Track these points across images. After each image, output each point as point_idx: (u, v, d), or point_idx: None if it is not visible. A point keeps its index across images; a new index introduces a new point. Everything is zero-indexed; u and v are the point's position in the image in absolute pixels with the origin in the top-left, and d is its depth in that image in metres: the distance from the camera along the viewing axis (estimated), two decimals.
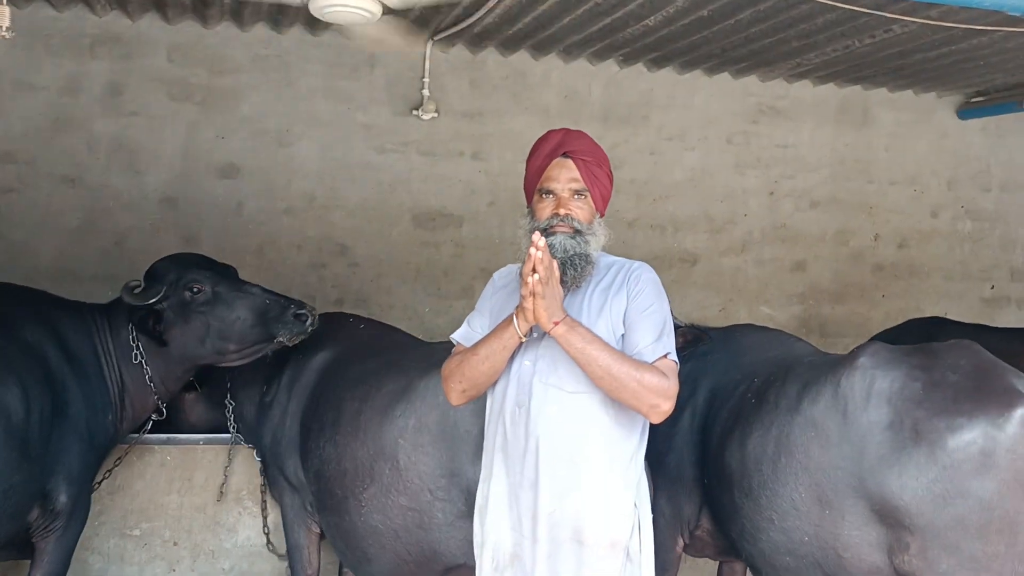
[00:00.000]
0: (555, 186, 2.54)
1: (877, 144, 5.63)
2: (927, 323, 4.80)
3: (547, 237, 2.46)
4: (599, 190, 2.58)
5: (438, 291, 5.12)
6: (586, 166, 2.56)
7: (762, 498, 2.87)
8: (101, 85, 4.59)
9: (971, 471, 2.53)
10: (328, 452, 3.33)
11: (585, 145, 2.61)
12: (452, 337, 2.68)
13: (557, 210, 2.52)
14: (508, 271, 2.70)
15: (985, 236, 5.85)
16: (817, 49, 4.51)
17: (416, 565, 3.15)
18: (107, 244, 4.61)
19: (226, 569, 4.11)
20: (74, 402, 3.32)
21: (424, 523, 3.07)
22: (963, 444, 2.53)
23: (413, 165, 4.99)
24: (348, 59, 4.85)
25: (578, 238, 2.51)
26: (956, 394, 2.61)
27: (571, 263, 2.48)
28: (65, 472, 3.27)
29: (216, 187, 4.71)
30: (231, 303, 3.55)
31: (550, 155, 2.58)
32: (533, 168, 2.62)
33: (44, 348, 3.31)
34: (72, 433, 3.30)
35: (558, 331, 2.38)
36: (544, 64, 5.08)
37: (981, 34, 3.98)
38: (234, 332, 3.53)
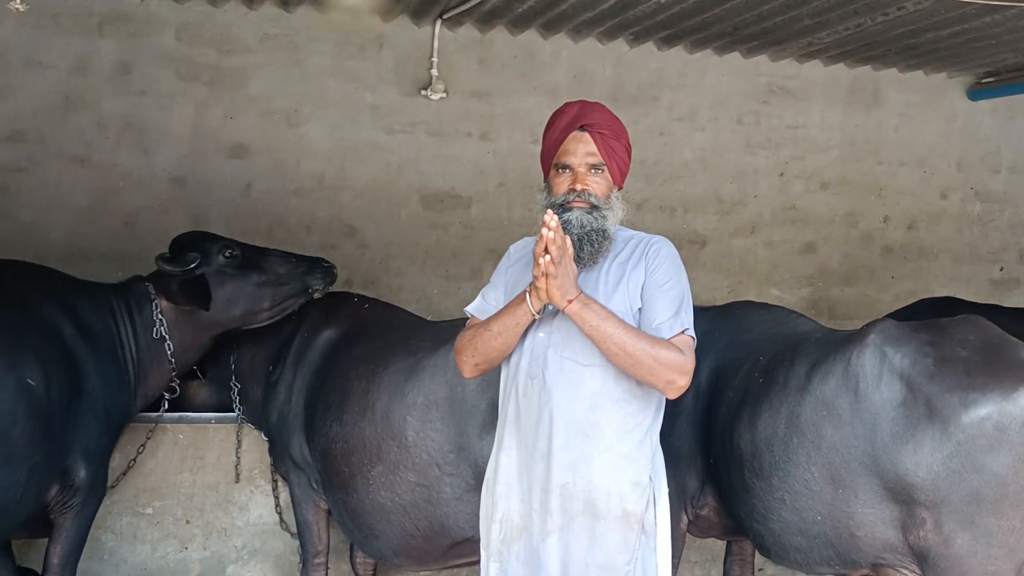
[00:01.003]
0: (572, 160, 2.51)
1: (887, 125, 5.61)
2: (938, 303, 4.79)
3: (563, 213, 2.44)
4: (616, 164, 2.54)
5: (447, 272, 5.12)
6: (603, 139, 2.51)
7: (773, 478, 2.87)
8: (110, 64, 4.57)
9: (986, 446, 2.53)
10: (335, 431, 3.35)
11: (603, 117, 2.56)
12: (466, 310, 2.66)
13: (574, 185, 2.49)
14: (524, 244, 2.67)
15: (994, 218, 5.83)
16: (829, 28, 4.48)
17: (423, 540, 3.19)
18: (116, 224, 4.61)
19: (238, 547, 4.13)
20: (91, 380, 3.34)
21: (432, 498, 3.10)
22: (978, 419, 2.54)
23: (422, 145, 4.98)
24: (356, 39, 4.83)
25: (595, 213, 2.47)
26: (968, 369, 2.61)
27: (588, 239, 2.45)
28: (83, 449, 3.30)
29: (225, 167, 4.70)
30: (263, 264, 3.71)
31: (566, 128, 2.53)
32: (549, 142, 2.57)
33: (60, 327, 3.33)
34: (89, 411, 3.32)
35: (572, 309, 2.36)
36: (553, 43, 5.06)
37: (995, 11, 3.95)
38: (268, 292, 3.68)
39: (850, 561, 2.82)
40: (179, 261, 3.57)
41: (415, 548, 3.25)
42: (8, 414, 2.96)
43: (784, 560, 3.04)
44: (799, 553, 2.92)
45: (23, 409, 3.00)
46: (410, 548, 3.26)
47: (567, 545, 2.45)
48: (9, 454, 2.96)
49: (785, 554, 2.98)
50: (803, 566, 2.98)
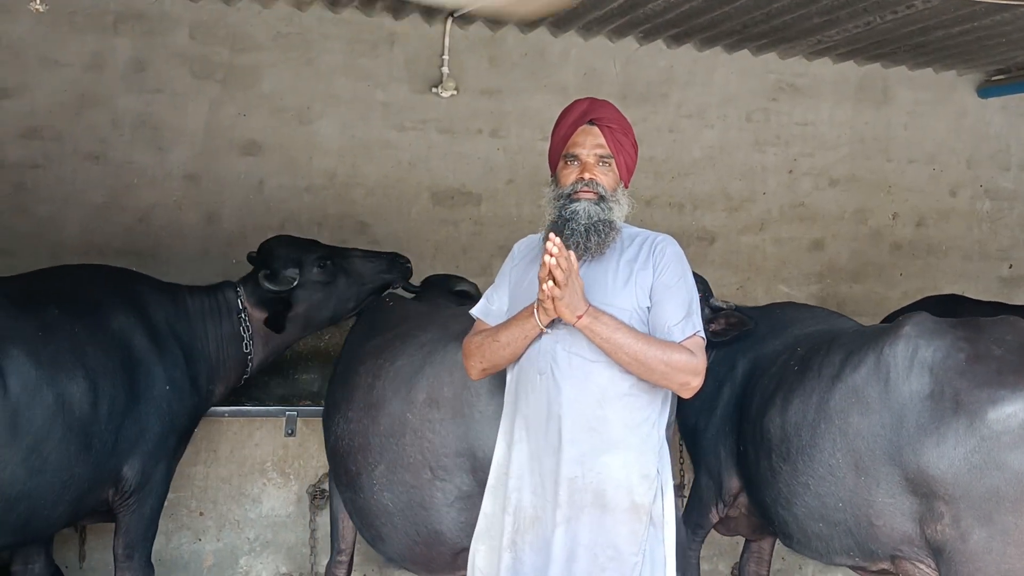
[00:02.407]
0: (580, 151, 2.56)
1: (896, 122, 5.61)
2: (944, 300, 4.81)
3: (570, 204, 2.50)
4: (624, 158, 2.60)
5: (456, 269, 5.13)
6: (611, 133, 2.58)
7: (799, 463, 2.90)
8: (125, 62, 4.62)
9: (1010, 443, 2.54)
10: (342, 428, 3.32)
11: (611, 113, 2.64)
12: (472, 312, 2.71)
13: (582, 175, 2.54)
14: (528, 242, 2.72)
15: (1004, 215, 5.83)
16: (839, 25, 4.49)
17: (425, 546, 3.12)
18: (131, 220, 4.65)
19: (251, 539, 4.19)
20: (157, 386, 3.41)
21: (425, 502, 3.01)
22: (1004, 416, 2.55)
23: (432, 143, 5.01)
24: (368, 37, 4.87)
25: (602, 204, 2.52)
26: (1000, 367, 2.63)
27: (595, 229, 2.50)
28: (139, 454, 3.35)
29: (238, 164, 4.74)
30: (349, 267, 3.93)
31: (576, 123, 2.60)
32: (558, 136, 2.63)
33: (129, 335, 3.40)
34: (153, 415, 3.38)
35: (582, 323, 2.41)
36: (563, 41, 5.08)
37: (1004, 9, 3.96)
38: (356, 294, 3.93)
39: (868, 551, 2.84)
40: (280, 280, 3.72)
41: (420, 555, 3.18)
42: (42, 429, 3.00)
43: (806, 548, 3.06)
44: (820, 541, 2.95)
45: (60, 425, 3.05)
46: (415, 555, 3.18)
47: (575, 535, 2.49)
48: (41, 467, 3.01)
49: (807, 542, 3.01)
50: (824, 555, 3.01)
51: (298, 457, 4.23)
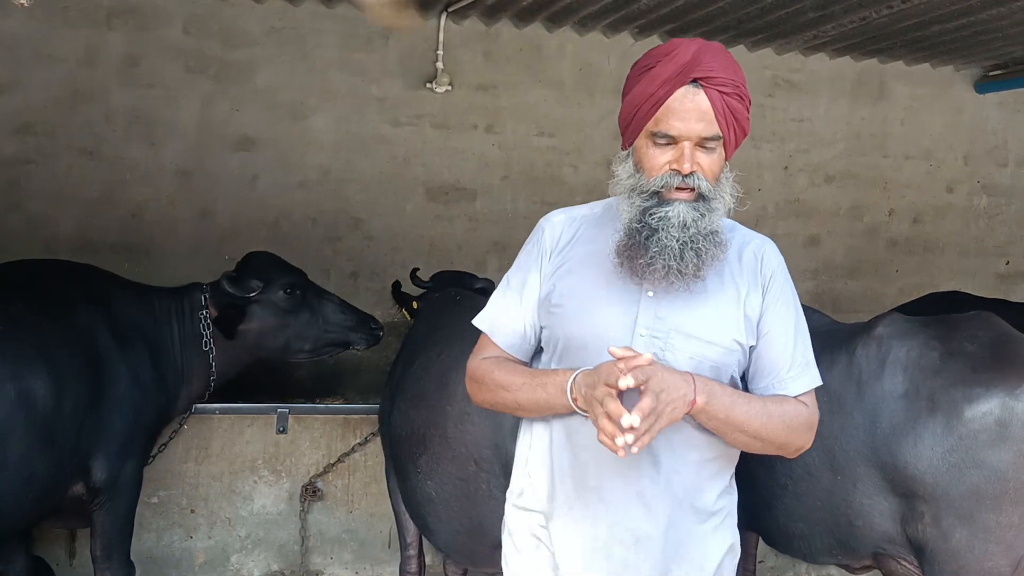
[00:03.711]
0: (679, 128, 1.80)
1: (893, 118, 5.59)
2: (946, 297, 4.79)
3: (658, 206, 1.82)
4: (735, 134, 1.86)
5: (452, 264, 5.12)
6: (724, 101, 1.81)
7: (777, 464, 2.88)
8: (118, 57, 4.60)
9: (987, 441, 2.54)
10: (396, 418, 3.38)
11: (725, 69, 1.83)
12: (477, 324, 2.09)
13: (678, 165, 1.81)
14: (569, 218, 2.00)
15: (1001, 211, 5.81)
16: (834, 20, 4.47)
17: (467, 537, 3.10)
18: (124, 215, 4.64)
19: (242, 536, 4.18)
20: (120, 383, 3.38)
21: (470, 493, 3.00)
22: (980, 414, 2.54)
23: (427, 138, 4.99)
24: (362, 32, 4.85)
25: (702, 207, 1.82)
26: (974, 364, 2.62)
27: (692, 245, 1.80)
28: (105, 450, 3.33)
29: (231, 160, 4.73)
30: (318, 309, 3.81)
31: (674, 80, 1.81)
32: (644, 97, 1.83)
33: (94, 331, 3.37)
34: (117, 413, 3.36)
35: (696, 410, 1.79)
36: (558, 36, 5.06)
37: (1000, 4, 3.94)
38: (314, 336, 3.79)
39: (850, 550, 2.83)
40: (242, 285, 3.65)
41: (463, 546, 3.15)
42: (3, 424, 2.98)
43: (788, 549, 3.06)
44: (802, 541, 2.94)
45: (22, 420, 3.02)
46: (459, 545, 3.17)
47: None
48: (3, 461, 2.99)
49: (789, 542, 3.00)
50: (806, 555, 3.00)
51: (289, 454, 4.23)
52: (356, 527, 4.34)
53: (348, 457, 4.26)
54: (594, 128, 5.18)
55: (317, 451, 4.26)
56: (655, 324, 1.86)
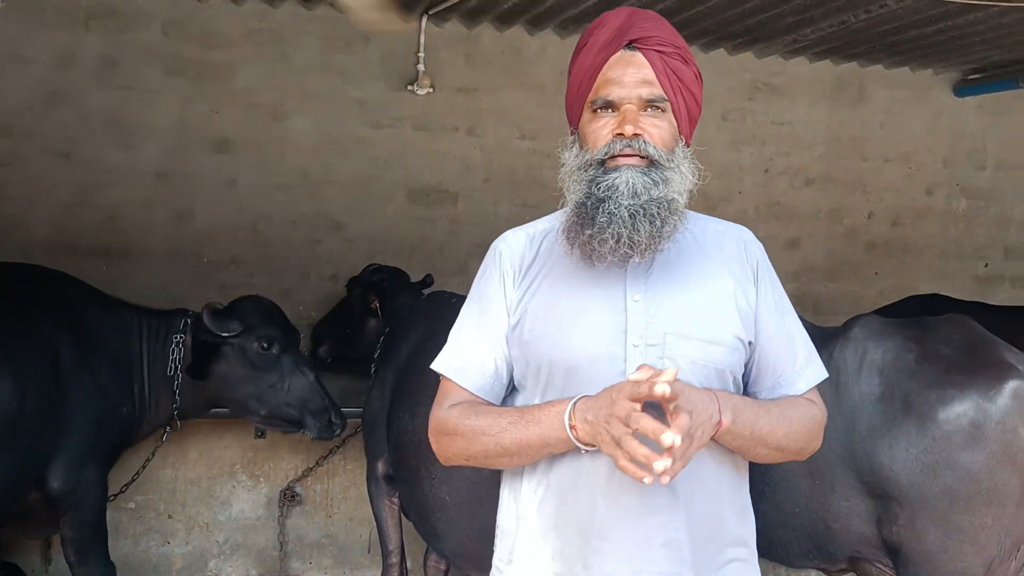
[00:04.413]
0: (617, 92, 1.66)
1: (872, 121, 5.62)
2: (926, 300, 4.83)
3: (604, 174, 1.63)
4: (683, 100, 1.69)
5: (433, 268, 5.09)
6: (665, 61, 1.67)
7: (754, 471, 2.88)
8: (95, 59, 4.56)
9: (961, 443, 2.55)
10: (406, 422, 3.32)
11: (662, 30, 1.70)
12: (436, 368, 1.86)
13: (620, 129, 1.65)
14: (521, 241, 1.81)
15: (979, 214, 5.86)
16: (813, 24, 4.49)
17: (478, 542, 3.00)
18: (101, 218, 4.60)
19: (220, 542, 4.15)
20: (82, 392, 3.33)
21: (483, 497, 2.92)
22: (954, 416, 2.56)
23: (408, 141, 4.98)
24: (342, 33, 4.83)
25: (653, 173, 1.64)
26: (949, 367, 2.64)
27: (645, 213, 1.62)
28: (63, 459, 3.28)
29: (209, 162, 4.69)
30: (285, 376, 3.57)
31: (609, 46, 1.68)
32: (582, 69, 1.71)
33: (57, 339, 3.32)
34: (77, 421, 3.31)
35: (720, 433, 1.62)
36: (539, 40, 5.06)
37: (977, 9, 3.96)
38: (272, 403, 3.56)
39: (827, 554, 2.84)
40: (220, 322, 3.51)
41: (472, 551, 3.09)
42: None
43: (767, 553, 3.06)
44: (780, 546, 2.95)
45: None
46: (468, 551, 3.13)
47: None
48: None
49: (768, 547, 3.01)
50: (785, 560, 3.01)
51: (268, 459, 4.20)
52: (335, 532, 4.32)
53: (327, 461, 4.24)
54: None
55: (296, 455, 4.23)
56: (648, 330, 1.65)
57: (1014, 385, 2.55)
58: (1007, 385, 2.55)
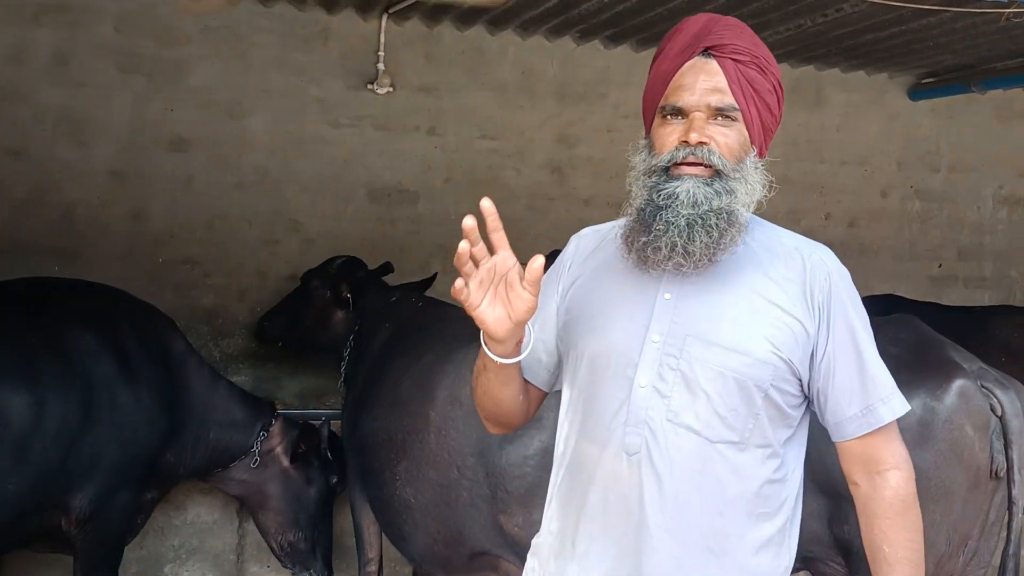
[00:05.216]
0: (686, 99, 1.63)
1: (829, 125, 5.69)
2: (882, 300, 4.90)
3: (666, 182, 1.61)
4: (757, 110, 1.65)
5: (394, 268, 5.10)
6: (739, 70, 1.64)
7: None
8: (47, 55, 4.47)
9: (909, 442, 2.54)
10: (369, 425, 3.32)
11: (739, 38, 1.67)
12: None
13: (686, 136, 1.62)
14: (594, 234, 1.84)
15: (933, 216, 5.96)
16: (770, 28, 4.53)
17: (444, 546, 3.07)
18: (54, 217, 4.51)
19: (176, 546, 4.10)
20: (122, 414, 3.28)
21: (450, 501, 2.96)
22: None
23: (368, 140, 4.94)
24: (301, 31, 4.79)
25: (717, 184, 1.61)
26: (897, 367, 2.65)
27: (703, 223, 1.58)
28: (92, 480, 3.22)
29: (165, 160, 4.62)
30: (318, 522, 3.80)
31: (683, 53, 1.66)
32: (658, 74, 1.70)
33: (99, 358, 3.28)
34: (113, 441, 3.25)
35: None
36: (500, 39, 5.06)
37: (929, 14, 4.03)
38: (296, 534, 3.75)
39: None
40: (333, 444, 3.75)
41: (439, 554, 3.11)
42: None
43: None
44: None
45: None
46: (434, 554, 3.13)
47: None
48: None
49: None
50: None
51: None
52: None
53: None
54: (536, 131, 5.18)
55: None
56: (670, 330, 1.62)
57: (960, 384, 2.60)
58: (953, 384, 2.60)
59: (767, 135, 1.70)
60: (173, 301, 4.53)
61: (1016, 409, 2.67)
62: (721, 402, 1.61)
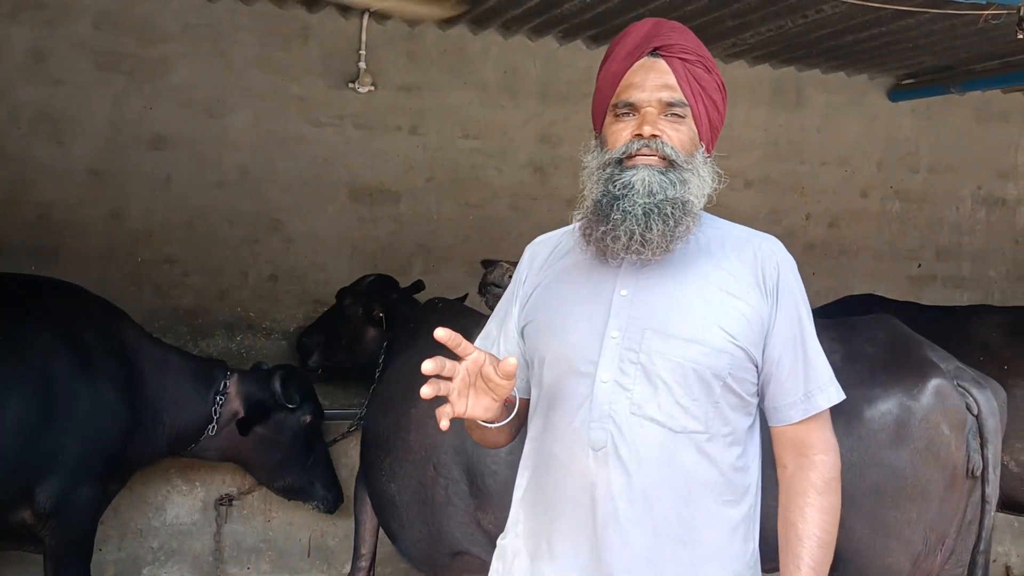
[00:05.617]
0: (638, 95, 1.70)
1: (810, 125, 5.72)
2: (862, 300, 4.92)
3: (622, 172, 1.67)
4: (705, 107, 1.75)
5: (375, 268, 5.06)
6: (687, 68, 1.72)
7: None
8: (23, 52, 4.42)
9: (886, 441, 2.61)
10: (368, 422, 3.41)
11: (685, 38, 1.76)
12: None
13: (639, 130, 1.69)
14: (548, 240, 1.88)
15: (913, 216, 6.00)
16: (752, 29, 4.56)
17: (426, 544, 3.09)
18: (31, 217, 4.46)
19: (154, 548, 4.06)
20: (78, 411, 3.25)
21: (427, 498, 3.00)
22: (879, 415, 2.62)
23: (349, 139, 4.92)
24: (282, 29, 4.76)
25: (671, 174, 1.67)
26: (873, 366, 2.69)
27: (659, 211, 1.64)
28: (55, 474, 3.20)
29: (144, 159, 4.59)
30: (312, 451, 3.81)
31: (633, 54, 1.73)
32: (608, 75, 1.76)
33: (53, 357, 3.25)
34: (70, 439, 3.23)
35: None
36: (483, 39, 5.05)
37: (908, 15, 4.06)
38: (296, 473, 3.79)
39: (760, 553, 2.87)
40: (286, 392, 3.67)
41: (423, 553, 3.14)
42: None
43: None
44: None
45: None
46: (419, 551, 3.16)
47: None
48: None
49: None
50: None
51: (204, 464, 4.12)
52: (274, 536, 4.26)
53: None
54: (518, 131, 5.18)
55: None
56: (628, 325, 1.66)
57: (936, 383, 2.62)
58: (930, 383, 2.62)
59: (714, 132, 1.80)
60: (152, 301, 4.50)
61: (992, 408, 2.69)
62: (682, 392, 1.64)
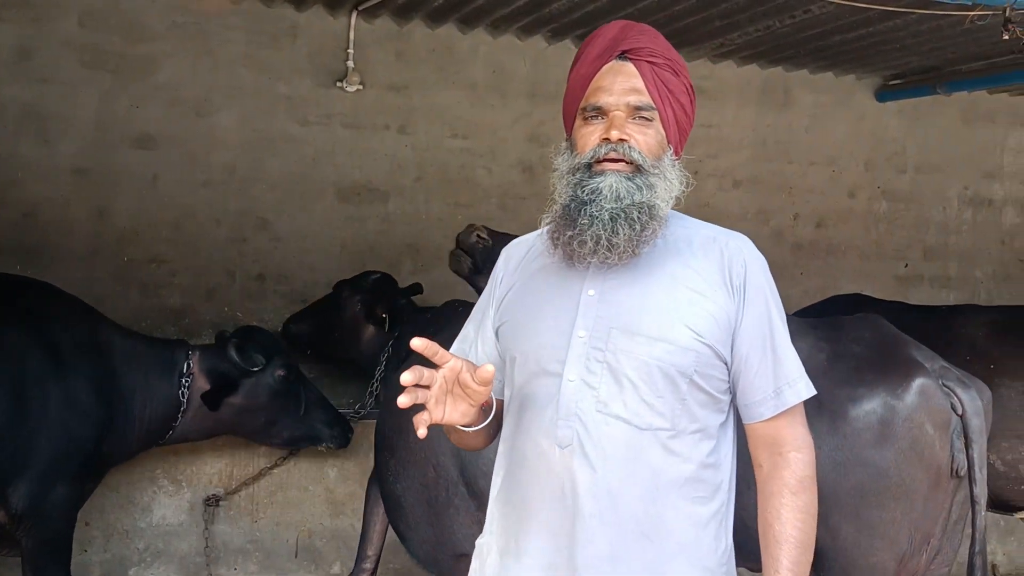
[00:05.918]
0: (606, 99, 1.71)
1: (798, 125, 5.74)
2: (849, 299, 4.94)
3: (590, 178, 1.68)
4: (673, 111, 1.74)
5: (364, 267, 5.05)
6: (655, 71, 1.72)
7: None
8: (9, 50, 4.39)
9: (871, 440, 2.62)
10: (377, 424, 3.43)
11: (654, 42, 1.76)
12: None
13: (607, 133, 1.70)
14: (523, 243, 1.92)
15: (900, 216, 6.02)
16: (739, 29, 4.56)
17: (430, 546, 3.10)
18: (16, 216, 4.43)
19: (141, 549, 4.05)
20: (49, 408, 3.23)
21: (429, 500, 3.01)
22: (863, 414, 2.63)
23: (337, 138, 4.91)
24: (269, 28, 4.74)
25: (638, 179, 1.68)
26: (858, 365, 2.71)
27: (626, 216, 1.66)
28: (28, 475, 3.19)
29: (131, 158, 4.56)
30: (300, 398, 3.76)
31: (601, 56, 1.74)
32: (577, 78, 1.77)
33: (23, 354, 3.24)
34: (42, 437, 3.20)
35: None
36: (472, 38, 5.04)
37: (895, 16, 4.08)
38: (293, 425, 3.75)
39: (747, 552, 2.88)
40: (246, 358, 3.60)
41: (428, 554, 3.14)
42: None
43: None
44: None
45: None
46: (425, 552, 3.15)
47: None
48: None
49: None
50: None
51: (191, 464, 4.11)
52: (261, 537, 4.25)
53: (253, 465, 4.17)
54: (507, 130, 5.18)
55: (219, 459, 4.15)
56: (595, 324, 1.68)
57: (920, 383, 2.63)
58: (914, 383, 2.63)
59: (682, 135, 1.79)
60: (139, 301, 4.48)
61: (977, 408, 2.70)
62: (647, 390, 1.66)
